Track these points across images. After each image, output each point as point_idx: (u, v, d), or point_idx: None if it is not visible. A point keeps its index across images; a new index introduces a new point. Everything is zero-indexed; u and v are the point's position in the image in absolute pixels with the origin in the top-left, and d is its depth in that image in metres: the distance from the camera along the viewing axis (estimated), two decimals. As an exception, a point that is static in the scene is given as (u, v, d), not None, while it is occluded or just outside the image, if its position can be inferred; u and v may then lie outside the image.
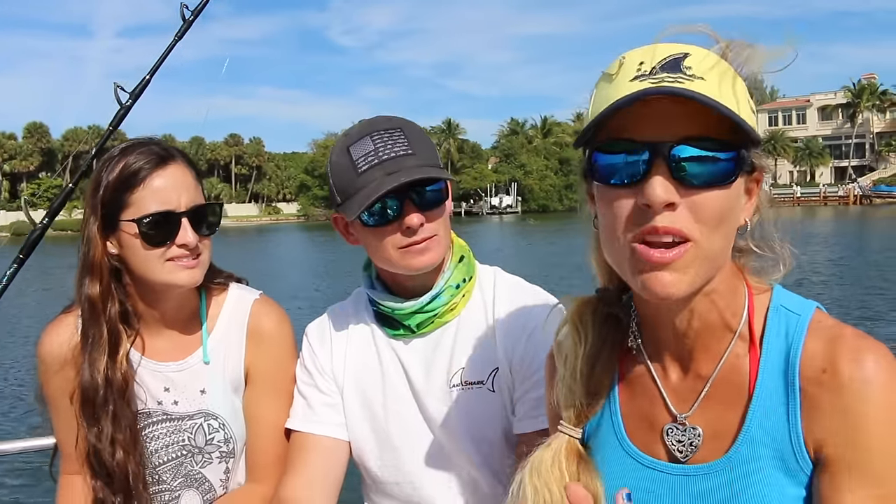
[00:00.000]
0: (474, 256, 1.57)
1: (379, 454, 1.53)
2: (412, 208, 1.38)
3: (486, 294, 1.52)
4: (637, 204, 0.86)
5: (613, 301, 1.06)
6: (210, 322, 1.60)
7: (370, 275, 1.56)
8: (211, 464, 1.57)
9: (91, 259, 1.46)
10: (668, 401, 1.01)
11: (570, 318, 1.06)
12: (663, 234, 0.86)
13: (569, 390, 1.04)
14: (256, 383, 1.60)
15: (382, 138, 1.40)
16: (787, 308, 0.97)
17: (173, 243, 1.45)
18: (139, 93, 1.73)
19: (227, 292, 1.63)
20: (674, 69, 0.86)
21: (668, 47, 0.89)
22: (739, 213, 0.92)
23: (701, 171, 0.86)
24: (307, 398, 1.56)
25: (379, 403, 1.53)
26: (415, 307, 1.47)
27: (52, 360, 1.52)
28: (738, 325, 0.97)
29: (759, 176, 0.95)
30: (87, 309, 1.47)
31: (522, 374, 1.43)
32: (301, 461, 1.51)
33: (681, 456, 0.98)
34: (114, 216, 1.45)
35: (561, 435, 1.03)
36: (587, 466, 1.01)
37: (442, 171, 1.43)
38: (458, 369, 1.48)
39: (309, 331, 1.63)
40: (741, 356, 0.97)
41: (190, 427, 1.55)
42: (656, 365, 1.03)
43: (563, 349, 1.07)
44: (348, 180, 1.40)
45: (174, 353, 1.57)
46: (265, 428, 1.59)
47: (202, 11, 1.79)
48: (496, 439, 1.47)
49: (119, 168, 1.44)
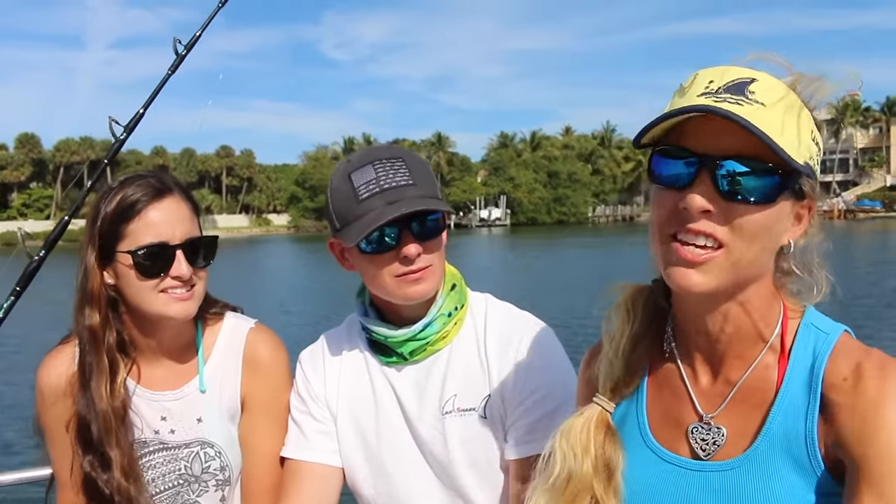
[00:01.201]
0: (465, 283, 1.59)
1: (372, 481, 1.54)
2: (410, 238, 1.40)
3: (478, 321, 1.54)
4: (679, 206, 0.95)
5: (662, 294, 1.12)
6: (206, 351, 1.61)
7: (363, 301, 1.57)
8: (207, 492, 1.58)
9: (90, 289, 1.48)
10: (696, 401, 1.06)
11: (623, 301, 1.14)
12: (696, 234, 0.94)
13: (609, 365, 1.12)
14: (252, 411, 1.61)
15: (384, 167, 1.42)
16: (818, 327, 1.03)
17: (167, 275, 1.47)
18: (133, 126, 1.77)
19: (223, 321, 1.65)
20: (738, 92, 0.93)
21: (739, 70, 0.96)
22: (781, 233, 0.98)
23: (742, 186, 0.93)
24: (300, 425, 1.57)
25: (372, 430, 1.54)
26: (407, 335, 1.48)
27: (49, 390, 1.53)
28: (771, 337, 1.03)
29: (811, 203, 1.01)
30: (88, 338, 1.48)
31: (514, 400, 1.45)
32: (294, 489, 1.52)
33: (703, 454, 1.03)
34: (110, 247, 1.47)
35: (594, 405, 1.11)
36: (613, 438, 1.08)
37: (441, 203, 1.45)
38: (451, 396, 1.49)
39: (302, 358, 1.64)
40: (770, 366, 1.02)
41: (186, 455, 1.56)
42: (687, 367, 1.09)
43: (610, 328, 1.14)
44: (348, 207, 1.42)
45: (170, 382, 1.58)
46: (261, 456, 1.60)
47: (195, 46, 1.84)
48: (489, 465, 1.48)
49: (117, 200, 1.47)
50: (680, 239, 0.95)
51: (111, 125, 1.75)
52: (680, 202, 0.94)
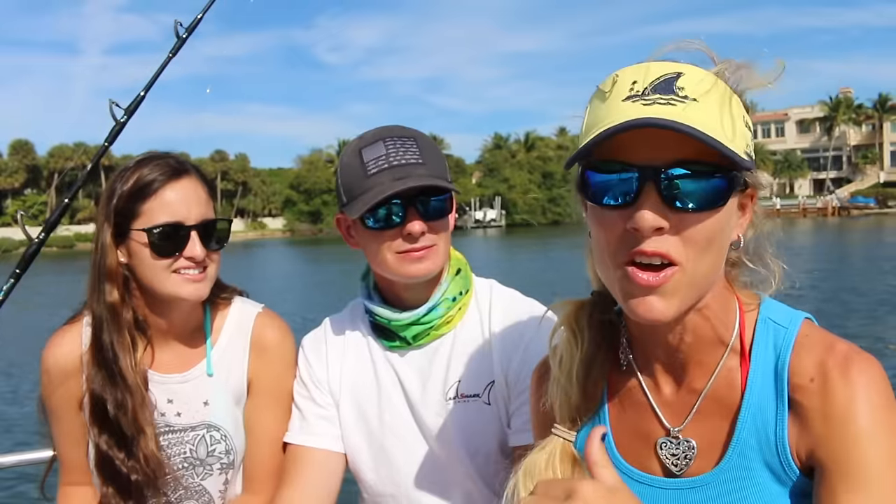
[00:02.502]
0: (471, 269, 1.59)
1: (374, 466, 1.54)
2: (416, 216, 1.40)
3: (483, 307, 1.54)
4: (627, 227, 0.87)
5: (607, 306, 1.06)
6: (214, 334, 1.61)
7: (367, 285, 1.57)
8: (211, 475, 1.57)
9: (108, 266, 1.47)
10: (661, 414, 1.00)
11: (565, 321, 1.07)
12: (651, 257, 0.86)
13: (564, 393, 1.04)
14: (257, 395, 1.60)
15: (395, 144, 1.42)
16: (775, 321, 0.98)
17: (181, 255, 1.47)
18: (134, 109, 1.75)
19: (231, 305, 1.65)
20: (666, 90, 0.86)
21: (661, 66, 0.88)
22: (731, 230, 0.93)
23: (691, 194, 0.85)
24: (303, 410, 1.56)
25: (374, 415, 1.54)
26: (411, 318, 1.48)
27: (57, 370, 1.53)
28: (730, 339, 0.97)
29: (752, 192, 0.95)
30: (108, 315, 1.47)
31: (518, 386, 1.44)
32: (296, 473, 1.51)
33: (676, 469, 0.98)
34: (125, 225, 1.47)
35: (555, 438, 1.03)
36: (581, 471, 1.00)
37: (449, 184, 1.45)
38: (454, 382, 1.49)
39: (305, 343, 1.64)
40: (733, 369, 0.97)
41: (192, 439, 1.55)
42: (647, 379, 1.03)
43: (558, 352, 1.07)
44: (356, 181, 1.42)
45: (178, 364, 1.57)
46: (264, 440, 1.59)
47: (196, 29, 1.82)
48: (492, 451, 1.48)
49: (134, 178, 1.47)
50: (636, 262, 0.87)
51: (111, 108, 1.73)
52: (628, 222, 0.86)
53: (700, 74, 0.88)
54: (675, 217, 0.86)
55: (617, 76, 0.90)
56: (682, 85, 0.86)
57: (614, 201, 0.88)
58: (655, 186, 0.85)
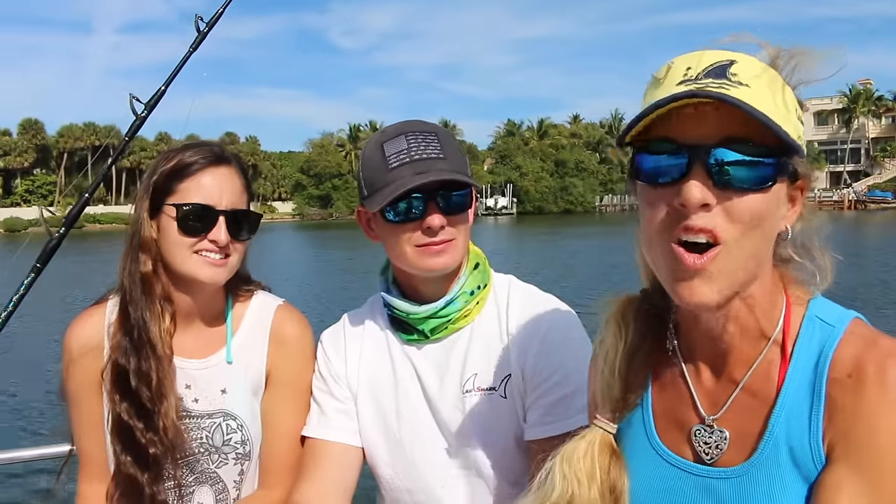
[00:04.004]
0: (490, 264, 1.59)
1: (391, 461, 1.55)
2: (435, 209, 1.41)
3: (500, 301, 1.54)
4: (674, 204, 0.88)
5: (656, 298, 1.07)
6: (234, 323, 1.63)
7: (387, 278, 1.58)
8: (226, 464, 1.58)
9: (143, 238, 1.51)
10: (699, 402, 1.02)
11: (612, 316, 1.09)
12: (697, 234, 0.88)
13: (607, 385, 1.07)
14: (275, 387, 1.62)
15: (416, 139, 1.43)
16: (823, 319, 0.97)
17: (206, 237, 1.50)
18: (154, 104, 1.75)
19: (253, 297, 1.67)
20: (719, 75, 0.88)
21: (715, 54, 0.90)
22: (779, 219, 0.93)
23: (738, 173, 0.87)
24: (321, 405, 1.58)
25: (392, 410, 1.55)
26: (429, 312, 1.49)
27: (78, 348, 1.55)
28: (773, 333, 0.98)
29: (803, 184, 0.96)
30: (140, 284, 1.50)
31: (534, 380, 1.45)
32: (314, 467, 1.52)
33: (707, 458, 0.99)
34: (160, 200, 1.52)
35: (595, 428, 1.06)
36: (617, 462, 1.04)
37: (470, 178, 1.45)
38: (471, 375, 1.50)
39: (324, 338, 1.65)
40: (773, 363, 0.98)
41: (209, 426, 1.57)
42: (689, 366, 1.04)
43: (603, 346, 1.09)
44: (378, 174, 1.43)
45: (198, 350, 1.59)
46: (281, 433, 1.60)
47: (217, 23, 1.81)
48: (508, 445, 1.49)
49: (176, 160, 1.52)
50: (682, 241, 0.89)
51: (132, 102, 1.73)
52: (675, 198, 0.88)
53: (754, 62, 0.90)
54: (722, 195, 0.87)
55: (672, 63, 0.92)
56: (735, 71, 0.88)
57: (663, 179, 0.90)
58: (703, 164, 0.87)
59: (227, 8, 1.83)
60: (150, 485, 1.49)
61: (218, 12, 1.82)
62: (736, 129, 0.86)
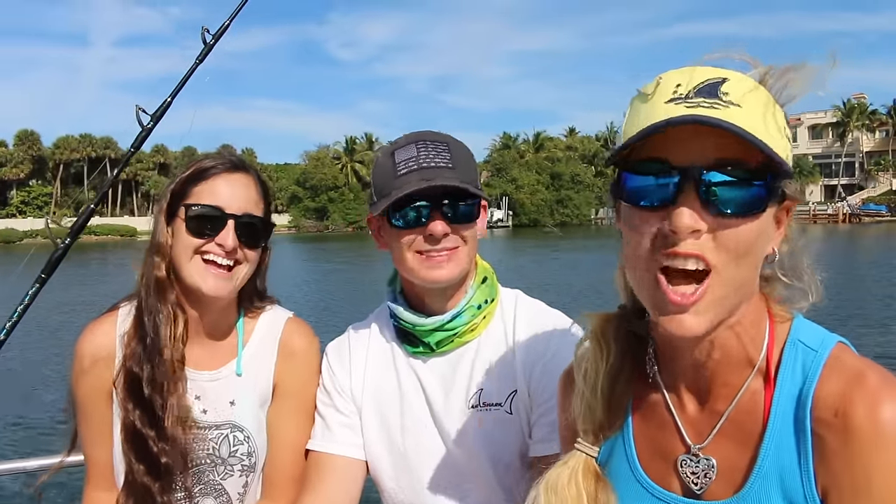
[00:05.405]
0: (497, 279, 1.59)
1: (395, 474, 1.54)
2: (439, 217, 1.42)
3: (507, 316, 1.54)
4: (663, 228, 0.85)
5: (635, 318, 1.03)
6: (246, 336, 1.63)
7: (394, 289, 1.58)
8: (231, 476, 1.57)
9: (159, 241, 1.53)
10: (684, 431, 0.98)
11: (591, 334, 1.05)
12: (685, 259, 0.85)
13: (588, 407, 1.03)
14: (281, 399, 1.61)
15: (427, 148, 1.44)
16: (804, 343, 0.94)
17: (212, 240, 1.50)
18: (160, 115, 1.76)
19: (264, 310, 1.67)
20: (710, 94, 0.85)
21: (706, 71, 0.88)
22: (767, 242, 0.91)
23: (731, 198, 0.84)
24: (325, 418, 1.57)
25: (396, 423, 1.54)
26: (435, 324, 1.49)
27: (90, 356, 1.54)
28: (758, 360, 0.94)
29: (789, 205, 0.93)
30: (154, 286, 1.51)
31: (540, 397, 1.45)
32: (318, 481, 1.52)
33: (696, 488, 0.96)
34: (175, 203, 1.53)
35: (578, 453, 1.02)
36: (604, 486, 1.00)
37: (478, 190, 1.46)
38: (477, 390, 1.49)
39: (329, 351, 1.65)
40: (757, 392, 0.94)
41: (216, 437, 1.56)
42: (672, 395, 1.00)
43: (583, 365, 1.05)
44: (386, 181, 1.45)
45: (208, 362, 1.59)
46: (285, 445, 1.60)
47: (223, 36, 1.81)
48: (512, 461, 1.48)
49: (194, 167, 1.55)
50: (668, 266, 0.85)
51: (138, 114, 1.74)
52: (664, 223, 0.85)
53: (745, 81, 0.88)
54: (713, 221, 0.85)
55: (661, 79, 0.89)
56: (726, 90, 0.85)
57: (652, 202, 0.86)
58: (695, 188, 0.84)
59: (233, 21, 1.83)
60: (162, 494, 1.48)
61: (224, 24, 1.83)
62: (728, 151, 0.84)
